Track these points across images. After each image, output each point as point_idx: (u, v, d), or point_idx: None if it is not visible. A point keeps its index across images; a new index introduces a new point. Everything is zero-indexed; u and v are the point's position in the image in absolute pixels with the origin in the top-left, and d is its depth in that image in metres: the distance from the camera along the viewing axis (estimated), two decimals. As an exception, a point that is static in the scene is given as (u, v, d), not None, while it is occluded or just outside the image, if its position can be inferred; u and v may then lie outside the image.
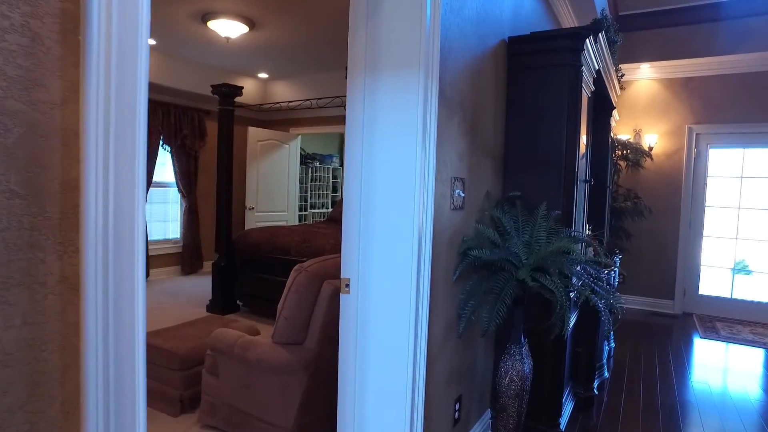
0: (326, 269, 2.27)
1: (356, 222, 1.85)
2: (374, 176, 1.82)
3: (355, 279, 1.86)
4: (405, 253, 1.79)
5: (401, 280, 1.81)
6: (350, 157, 1.85)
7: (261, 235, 4.99)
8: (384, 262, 1.82)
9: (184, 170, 6.74)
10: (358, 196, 1.84)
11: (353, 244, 1.86)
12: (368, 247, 1.84)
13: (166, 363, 2.84)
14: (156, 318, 4.71)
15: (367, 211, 1.83)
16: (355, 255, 1.85)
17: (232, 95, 4.94)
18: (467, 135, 2.19)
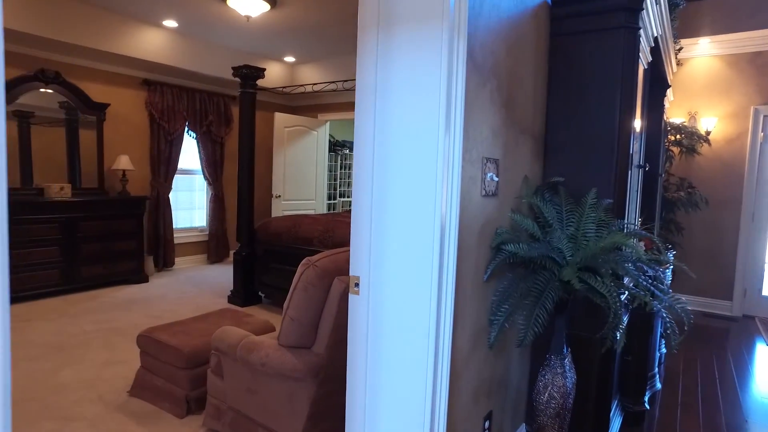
0: (338, 264, 2.00)
1: (367, 210, 1.56)
2: (388, 155, 1.52)
3: (366, 278, 1.58)
4: (425, 248, 1.50)
5: (420, 279, 1.51)
6: (360, 132, 1.56)
7: (283, 224, 4.77)
8: (400, 259, 1.53)
9: (210, 157, 6.61)
10: (369, 179, 1.55)
11: (363, 236, 1.57)
12: (381, 240, 1.55)
13: (172, 360, 2.64)
14: (176, 308, 4.59)
15: (381, 197, 1.54)
16: (365, 250, 1.57)
17: (254, 77, 4.71)
18: (502, 108, 1.86)
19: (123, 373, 3.13)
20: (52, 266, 4.75)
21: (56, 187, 4.87)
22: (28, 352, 3.44)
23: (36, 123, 4.97)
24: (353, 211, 1.58)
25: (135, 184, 5.81)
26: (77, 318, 4.20)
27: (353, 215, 1.58)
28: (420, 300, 1.52)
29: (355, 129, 1.57)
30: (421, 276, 1.51)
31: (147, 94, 5.85)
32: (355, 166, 1.58)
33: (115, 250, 5.25)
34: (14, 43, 4.73)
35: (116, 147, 5.62)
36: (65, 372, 3.14)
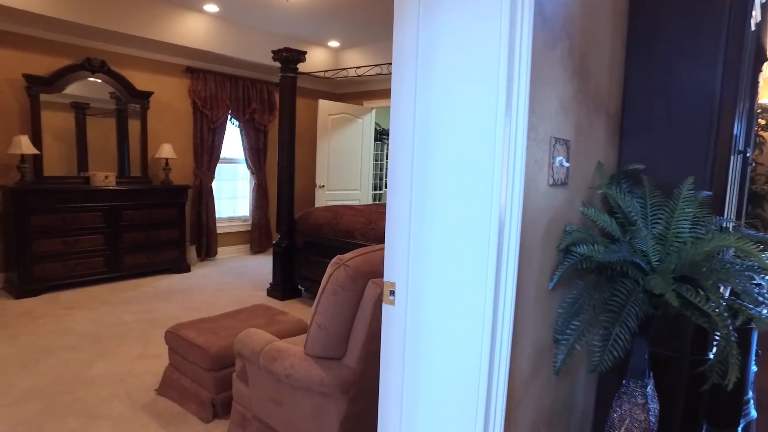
0: (373, 264, 1.72)
1: (405, 203, 1.26)
2: (433, 134, 1.22)
3: (403, 284, 1.29)
4: (478, 249, 1.19)
5: (472, 287, 1.21)
6: (397, 108, 1.26)
7: (323, 216, 4.56)
8: (446, 262, 1.23)
9: (253, 146, 6.50)
10: (408, 165, 1.25)
11: (400, 235, 1.28)
12: (423, 239, 1.25)
13: (198, 361, 2.47)
14: (213, 300, 4.48)
15: (422, 186, 1.24)
16: (402, 251, 1.28)
17: (294, 61, 4.49)
18: (574, 77, 1.51)
19: (154, 369, 3.01)
20: (97, 254, 4.77)
21: (101, 175, 4.87)
22: (68, 341, 3.39)
23: (91, 114, 5.03)
24: (388, 205, 1.29)
25: (178, 172, 5.77)
26: (117, 307, 4.16)
27: (388, 210, 1.29)
28: (471, 312, 1.22)
29: (391, 104, 1.28)
30: (473, 283, 1.21)
31: (190, 81, 5.78)
32: (391, 149, 1.28)
33: (158, 239, 5.22)
34: (62, 33, 4.74)
35: (159, 135, 5.59)
36: (98, 364, 3.05)
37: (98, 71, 4.92)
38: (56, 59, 4.77)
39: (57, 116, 4.83)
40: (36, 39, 4.67)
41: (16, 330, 3.59)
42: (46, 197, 4.40)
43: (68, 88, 4.83)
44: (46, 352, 3.20)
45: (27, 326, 3.67)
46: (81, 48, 4.92)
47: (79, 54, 4.88)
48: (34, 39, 4.66)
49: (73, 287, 4.68)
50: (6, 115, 4.57)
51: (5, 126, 4.57)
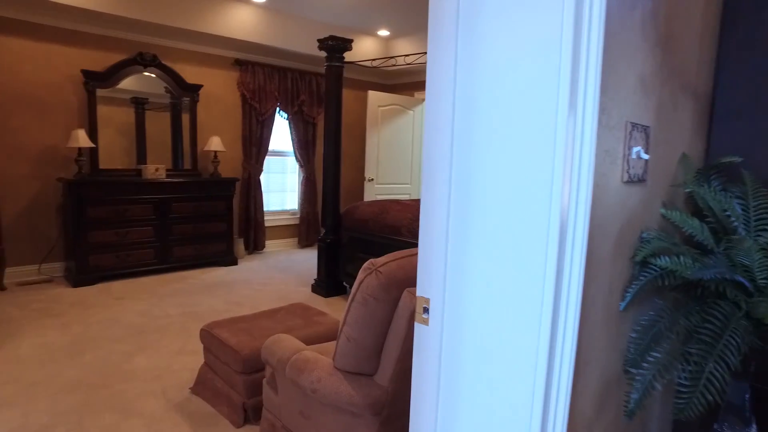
0: (409, 271, 1.51)
1: (441, 206, 1.04)
2: (476, 122, 0.99)
3: (439, 301, 1.07)
4: (532, 261, 0.95)
5: (524, 307, 0.97)
6: (433, 85, 1.04)
7: (369, 210, 4.38)
8: (491, 276, 1.00)
9: (302, 138, 6.43)
10: (446, 157, 1.02)
11: (435, 242, 1.06)
12: (463, 248, 1.03)
13: (230, 362, 2.36)
14: (257, 295, 4.43)
15: (463, 184, 1.01)
16: (438, 261, 1.06)
17: (341, 50, 4.33)
18: (656, 48, 1.22)
19: (191, 365, 2.95)
20: (147, 246, 4.84)
21: (152, 168, 4.93)
22: (114, 332, 3.42)
23: (149, 108, 5.14)
24: (422, 208, 1.07)
25: (226, 165, 5.79)
26: (163, 300, 4.19)
27: (422, 213, 1.07)
28: (523, 338, 0.98)
29: (427, 82, 1.06)
30: (527, 302, 0.97)
31: (239, 74, 5.77)
32: (425, 142, 1.06)
33: (206, 232, 5.25)
34: (116, 29, 4.82)
35: (209, 128, 5.62)
36: (139, 358, 3.04)
37: (150, 65, 4.99)
38: (111, 54, 4.87)
39: (119, 111, 4.96)
40: (92, 35, 4.78)
41: (69, 318, 3.67)
42: (100, 189, 4.50)
43: (125, 83, 4.93)
44: (93, 343, 3.23)
45: (79, 315, 3.75)
46: (134, 43, 5.00)
47: (132, 49, 4.96)
48: (91, 35, 4.77)
49: (125, 277, 4.78)
50: (66, 110, 4.71)
51: (65, 120, 4.71)
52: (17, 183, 4.53)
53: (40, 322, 3.59)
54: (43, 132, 4.62)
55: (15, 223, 4.54)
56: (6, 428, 2.27)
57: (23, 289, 4.35)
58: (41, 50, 4.54)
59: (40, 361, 2.96)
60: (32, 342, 3.23)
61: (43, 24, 4.51)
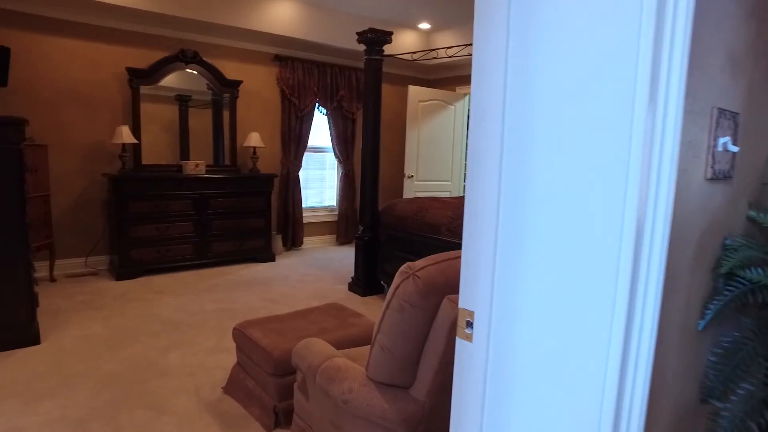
0: (450, 276, 1.37)
1: (489, 206, 0.90)
2: (532, 107, 0.84)
3: (485, 315, 0.93)
4: (601, 271, 0.79)
5: (589, 325, 0.82)
6: (480, 65, 0.89)
7: (408, 208, 4.25)
8: (549, 287, 0.85)
9: (341, 134, 6.36)
10: (495, 150, 0.88)
11: (482, 247, 0.92)
12: (514, 254, 0.88)
13: (262, 363, 2.29)
14: (293, 292, 4.38)
15: (516, 180, 0.87)
16: (485, 269, 0.92)
17: (380, 42, 4.20)
18: (752, 17, 1.03)
19: (225, 363, 2.91)
20: (187, 241, 4.89)
21: (192, 164, 4.98)
22: (151, 327, 3.44)
23: (192, 105, 5.21)
24: (466, 207, 0.93)
25: (265, 161, 5.79)
26: (201, 295, 4.20)
27: (466, 214, 0.93)
28: (586, 361, 0.83)
29: (473, 63, 0.91)
30: (593, 319, 0.82)
31: (278, 69, 5.75)
32: (471, 135, 0.92)
33: (244, 228, 5.26)
34: (158, 26, 4.88)
35: (248, 124, 5.63)
36: (174, 354, 3.03)
37: (191, 62, 5.03)
38: (154, 52, 4.93)
39: (164, 108, 5.04)
40: (136, 34, 4.86)
41: (110, 312, 3.72)
42: (142, 185, 4.57)
43: (169, 81, 5.00)
44: (131, 337, 3.25)
45: (120, 308, 3.80)
46: (175, 40, 5.05)
47: (174, 46, 5.02)
48: (135, 34, 4.85)
49: (165, 272, 4.84)
50: (112, 107, 4.82)
51: (111, 117, 4.81)
52: (67, 178, 4.66)
53: (84, 314, 3.66)
54: (90, 128, 4.74)
55: (64, 217, 4.68)
56: (44, 419, 2.29)
57: (71, 281, 4.48)
58: (89, 49, 4.64)
59: (81, 353, 3.00)
60: (75, 334, 3.29)
61: (90, 24, 4.61)
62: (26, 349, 3.02)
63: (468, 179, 0.94)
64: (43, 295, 4.07)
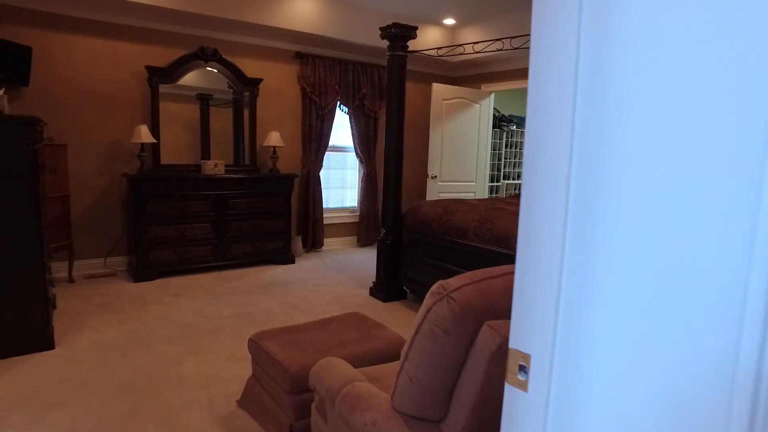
0: (489, 298, 1.18)
1: (552, 223, 0.71)
2: (617, 92, 0.65)
3: (544, 360, 0.74)
4: (715, 314, 0.60)
5: (694, 385, 0.63)
6: (543, 55, 0.71)
7: (433, 211, 4.07)
8: (637, 333, 0.66)
9: (363, 133, 6.20)
10: (565, 148, 0.69)
11: (542, 275, 0.73)
12: (587, 287, 0.69)
13: (277, 378, 2.14)
14: (312, 296, 4.24)
15: (590, 185, 0.68)
16: (545, 304, 0.73)
17: (404, 38, 4.03)
18: None
19: (240, 374, 2.78)
20: (205, 242, 4.80)
21: (211, 164, 4.88)
22: (167, 332, 3.34)
23: (213, 104, 5.13)
24: (521, 227, 0.75)
25: (285, 161, 5.67)
26: (219, 299, 4.10)
27: (521, 233, 0.75)
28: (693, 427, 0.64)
29: (531, 42, 0.73)
30: (700, 378, 0.62)
31: (299, 67, 5.62)
32: (527, 123, 0.74)
33: (263, 229, 5.14)
34: (177, 24, 4.80)
35: (268, 123, 5.51)
36: (189, 362, 2.91)
37: (211, 59, 4.93)
38: (173, 50, 4.85)
39: (185, 107, 4.97)
40: (156, 31, 4.78)
41: (127, 315, 3.64)
42: (160, 185, 4.49)
43: (189, 79, 4.93)
44: (146, 342, 3.15)
45: (137, 311, 3.71)
46: (195, 38, 4.96)
47: (194, 44, 4.93)
48: (154, 32, 4.78)
49: (183, 274, 4.76)
50: (131, 106, 4.75)
51: (130, 116, 4.75)
52: (87, 178, 4.61)
53: (100, 317, 3.58)
54: (109, 128, 4.68)
55: (84, 217, 4.63)
56: (54, 432, 2.19)
57: (89, 282, 4.42)
58: (109, 48, 4.58)
59: (95, 359, 2.90)
60: (90, 338, 3.20)
61: (110, 22, 4.55)
62: (40, 354, 2.95)
63: (523, 192, 0.75)
64: (61, 296, 4.02)
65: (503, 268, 1.28)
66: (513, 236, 3.34)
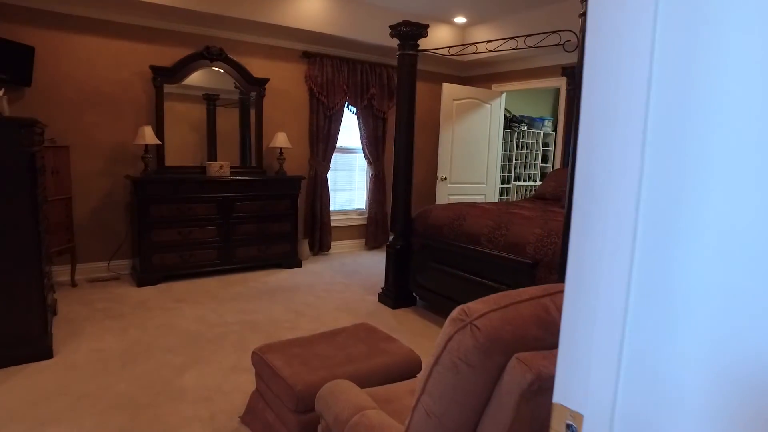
0: (518, 327, 1.05)
1: (615, 246, 0.57)
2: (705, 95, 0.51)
3: (602, 423, 0.61)
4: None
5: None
6: (603, 45, 0.57)
7: (444, 215, 3.93)
8: (733, 395, 0.52)
9: (371, 134, 6.07)
10: (635, 165, 0.55)
11: (600, 312, 0.60)
12: (660, 331, 0.56)
13: (282, 396, 2.01)
14: (319, 303, 4.12)
15: (671, 203, 0.54)
16: (607, 348, 0.60)
17: (415, 36, 3.89)
18: None
19: (243, 386, 2.66)
20: (210, 246, 4.69)
21: (216, 165, 4.77)
22: (167, 341, 3.23)
23: (220, 105, 5.02)
24: (571, 250, 0.62)
25: (292, 162, 5.56)
26: (222, 305, 3.98)
27: (571, 259, 0.61)
28: None
29: (587, 33, 0.59)
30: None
31: (306, 67, 5.50)
32: (582, 126, 0.60)
33: (270, 232, 5.03)
34: (183, 23, 4.70)
35: (275, 124, 5.40)
36: (190, 374, 2.80)
37: (217, 59, 4.83)
38: (178, 49, 4.75)
39: (192, 108, 4.87)
40: (161, 30, 4.68)
41: (128, 322, 3.54)
42: (164, 187, 4.38)
43: (195, 79, 4.82)
44: (147, 352, 3.04)
45: (139, 318, 3.61)
46: (200, 37, 4.86)
47: (199, 43, 4.83)
48: (159, 31, 4.68)
49: (188, 278, 4.66)
50: (136, 107, 4.66)
51: (134, 117, 4.65)
52: (90, 180, 4.53)
53: (101, 324, 3.48)
54: (113, 129, 4.59)
55: (87, 220, 4.54)
56: (48, 449, 2.08)
57: (92, 286, 4.33)
58: (113, 47, 4.49)
59: (93, 370, 2.80)
60: (90, 346, 3.10)
61: (114, 21, 4.46)
62: (37, 364, 2.85)
63: (574, 209, 0.62)
64: (63, 301, 3.93)
65: (531, 291, 1.14)
66: (528, 243, 3.19)
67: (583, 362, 0.63)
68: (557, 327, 1.08)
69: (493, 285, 3.33)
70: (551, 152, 8.31)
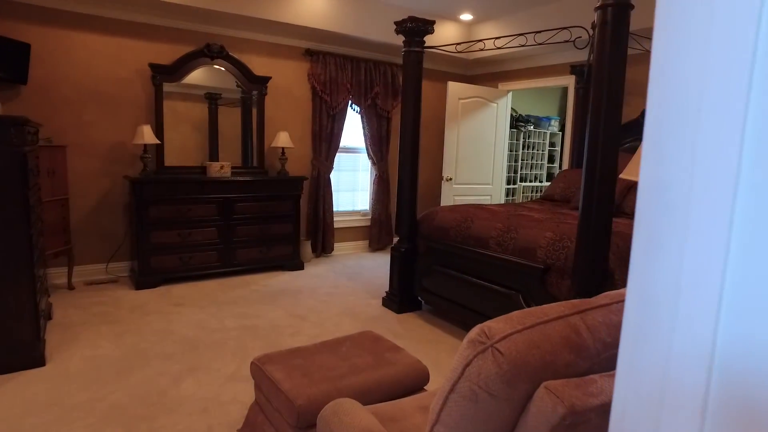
0: (545, 352, 0.92)
1: (716, 244, 0.45)
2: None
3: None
4: None
5: None
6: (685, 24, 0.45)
7: (451, 217, 3.80)
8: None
9: (375, 134, 5.95)
10: (736, 134, 0.43)
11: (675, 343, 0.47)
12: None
13: (282, 411, 1.89)
14: (322, 307, 4.00)
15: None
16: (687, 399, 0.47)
17: (420, 33, 3.77)
18: None
19: (242, 397, 2.55)
20: (211, 248, 4.58)
21: (216, 166, 4.66)
22: (165, 347, 3.12)
23: (222, 104, 4.91)
24: (630, 270, 0.49)
25: (295, 162, 5.44)
26: (223, 308, 3.87)
27: (631, 289, 0.49)
28: None
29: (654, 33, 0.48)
30: None
31: (309, 65, 5.38)
32: (648, 141, 0.48)
33: (271, 234, 4.91)
34: (183, 20, 4.59)
35: (277, 123, 5.29)
36: (188, 382, 2.68)
37: (217, 57, 4.71)
38: (178, 47, 4.64)
39: (193, 107, 4.77)
40: (160, 28, 4.57)
41: (125, 327, 3.43)
42: (162, 188, 4.27)
43: (195, 78, 4.71)
44: (143, 359, 2.93)
45: (135, 323, 3.50)
46: (201, 34, 4.75)
47: (199, 40, 4.72)
48: (159, 28, 4.57)
49: (187, 281, 4.55)
50: (135, 106, 4.55)
51: (133, 116, 4.55)
52: (88, 180, 4.42)
53: (97, 329, 3.37)
54: (112, 128, 4.48)
55: (84, 221, 4.44)
56: (36, 464, 1.97)
57: (89, 289, 4.23)
58: (111, 44, 4.38)
59: (86, 378, 2.69)
60: (84, 353, 2.99)
61: (112, 18, 4.35)
62: (28, 372, 2.74)
63: (636, 218, 0.50)
64: (59, 305, 3.82)
65: (557, 309, 1.02)
66: (539, 247, 3.06)
67: (644, 412, 0.50)
68: (590, 351, 0.95)
69: (501, 290, 3.21)
70: (558, 152, 8.17)
